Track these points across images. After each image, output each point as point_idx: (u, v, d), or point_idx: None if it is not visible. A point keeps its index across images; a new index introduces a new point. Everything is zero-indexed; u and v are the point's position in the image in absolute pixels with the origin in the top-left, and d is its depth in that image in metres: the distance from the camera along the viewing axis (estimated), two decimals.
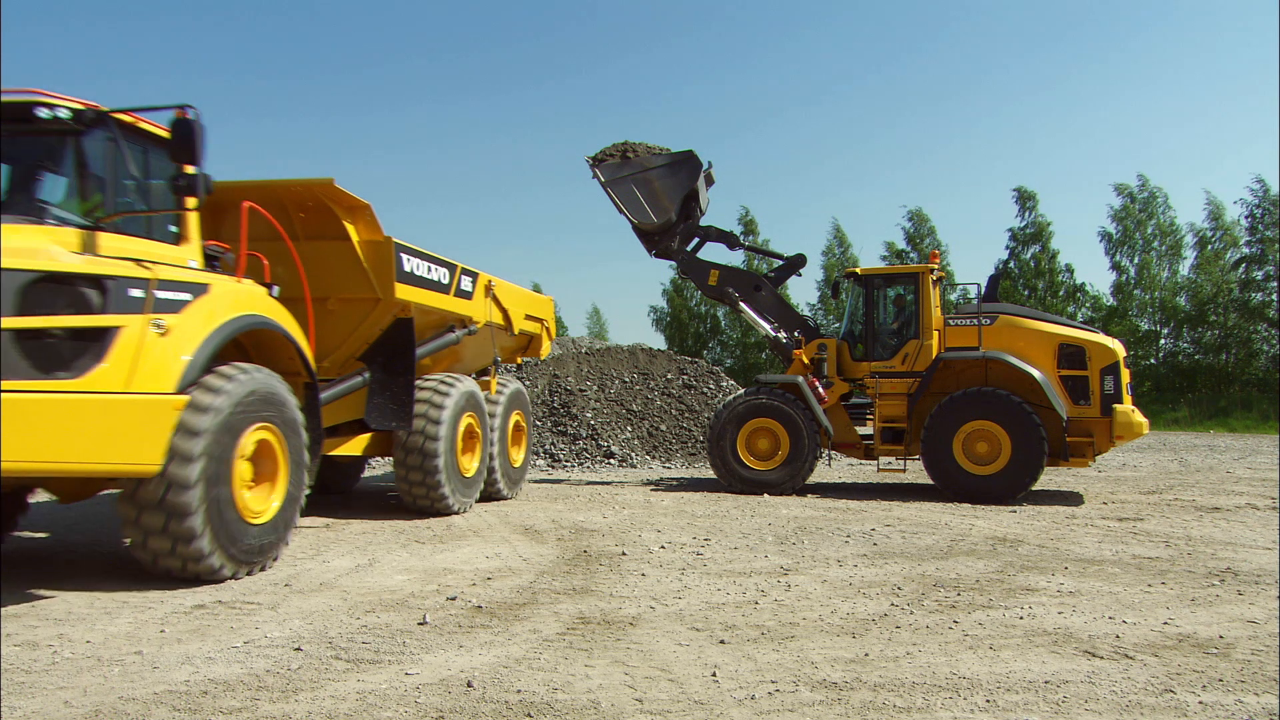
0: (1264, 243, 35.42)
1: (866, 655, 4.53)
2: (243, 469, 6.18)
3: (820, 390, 12.04)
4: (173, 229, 6.30)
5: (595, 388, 18.06)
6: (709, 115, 75.37)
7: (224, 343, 6.11)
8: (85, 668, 4.30)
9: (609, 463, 15.66)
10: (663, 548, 7.59)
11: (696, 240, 13.71)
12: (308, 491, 7.05)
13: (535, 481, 12.78)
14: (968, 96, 69.66)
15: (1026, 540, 8.05)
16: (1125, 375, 11.15)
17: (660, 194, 13.01)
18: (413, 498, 9.32)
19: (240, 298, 6.48)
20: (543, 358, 14.49)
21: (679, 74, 79.38)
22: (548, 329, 12.95)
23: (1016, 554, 7.37)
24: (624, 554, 7.29)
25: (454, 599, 5.69)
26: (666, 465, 15.88)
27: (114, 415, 5.27)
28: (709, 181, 13.81)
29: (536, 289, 12.42)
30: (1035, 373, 11.02)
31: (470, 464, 9.91)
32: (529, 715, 3.70)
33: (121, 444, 5.30)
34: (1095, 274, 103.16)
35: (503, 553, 7.35)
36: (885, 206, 72.89)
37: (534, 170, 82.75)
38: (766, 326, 13.18)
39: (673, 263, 14.13)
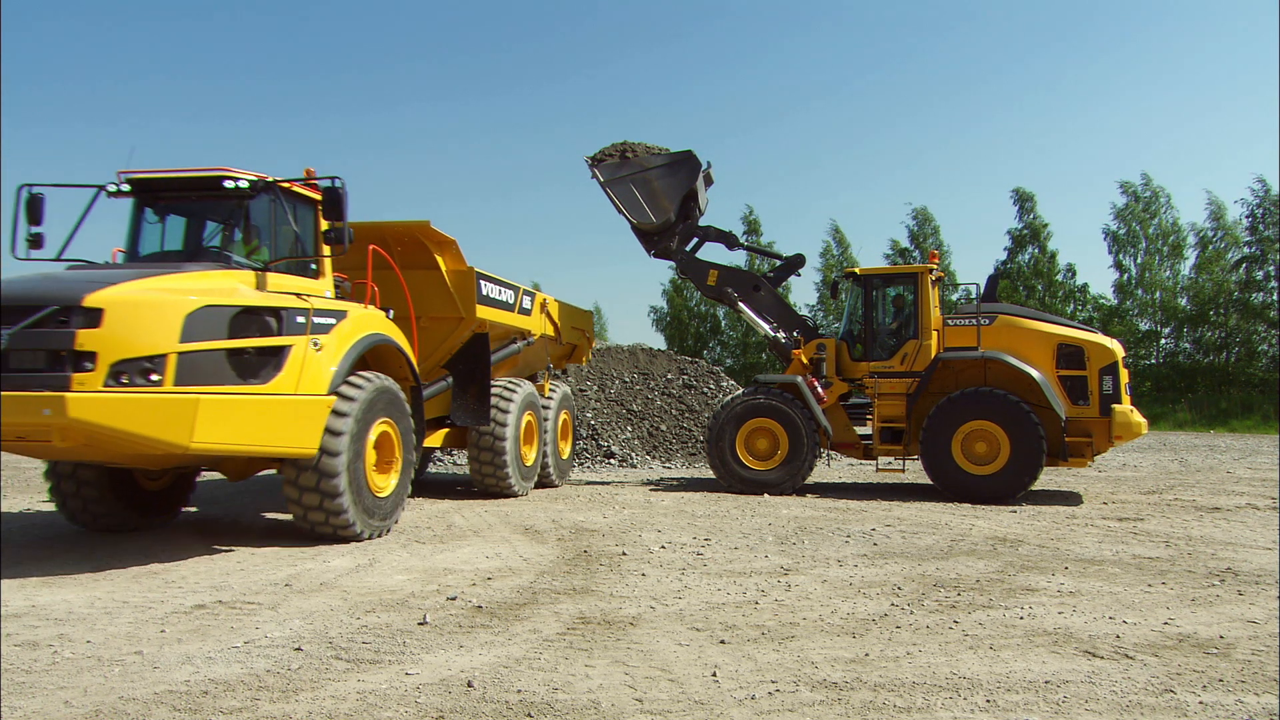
0: (1264, 243, 35.39)
1: (867, 655, 4.53)
2: (371, 454, 7.86)
3: (819, 390, 12.03)
4: (313, 266, 8.11)
5: (595, 388, 18.06)
6: (711, 115, 75.33)
7: (359, 357, 7.86)
8: (86, 668, 4.30)
9: (609, 463, 15.66)
10: (663, 548, 7.59)
11: (696, 240, 13.68)
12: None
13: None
14: (969, 97, 69.64)
15: (1027, 540, 8.05)
16: (1124, 375, 11.14)
17: (659, 194, 13.00)
18: (483, 481, 11.05)
19: (368, 321, 8.23)
20: (584, 364, 15.65)
21: (680, 74, 79.35)
22: (588, 338, 14.61)
23: (1017, 554, 7.37)
24: (624, 554, 7.29)
25: (454, 599, 5.69)
26: (667, 465, 15.88)
27: (288, 411, 7.00)
28: (708, 181, 13.79)
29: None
30: (1034, 373, 11.01)
31: (530, 455, 11.69)
32: (529, 715, 3.70)
33: (293, 432, 7.04)
34: (1097, 274, 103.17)
35: (503, 553, 7.36)
36: (888, 206, 72.78)
37: (534, 170, 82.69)
38: (765, 326, 13.17)
39: (672, 263, 14.11)
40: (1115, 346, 11.20)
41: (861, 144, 72.36)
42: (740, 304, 13.21)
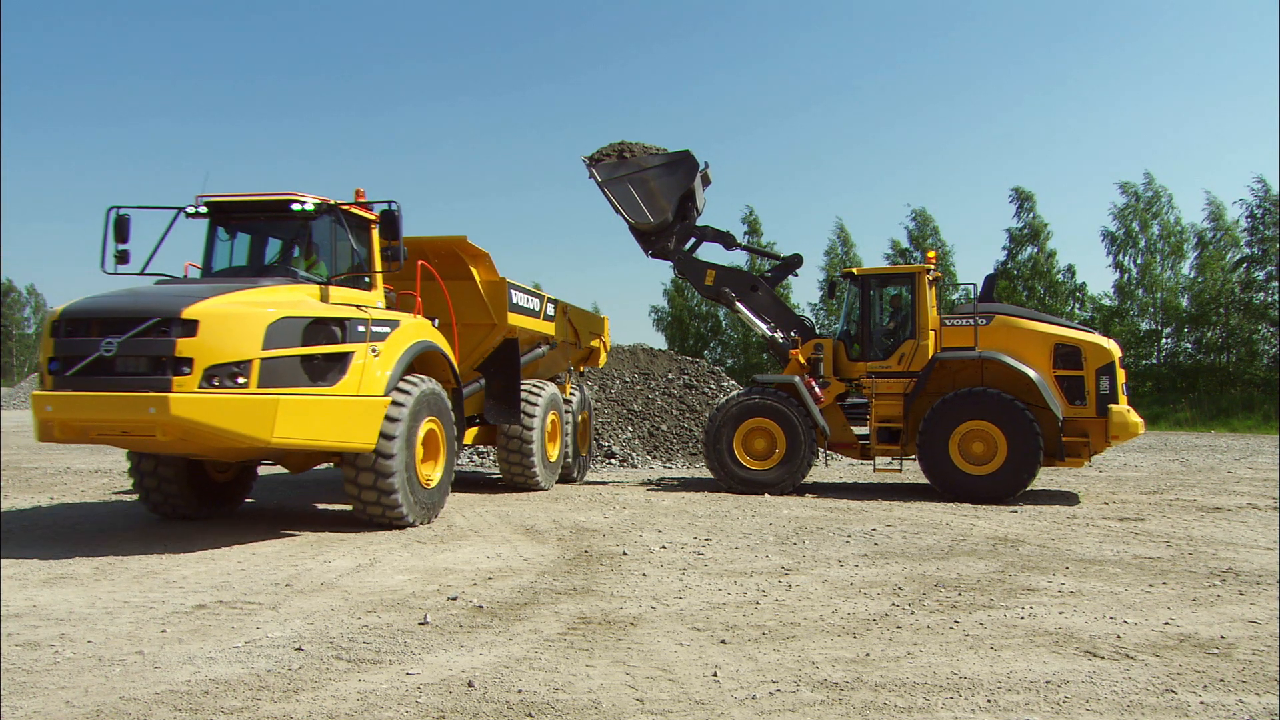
0: (1265, 243, 35.35)
1: (867, 655, 4.53)
2: (419, 449, 8.60)
3: (816, 390, 12.03)
4: (366, 280, 8.89)
5: (596, 388, 18.06)
6: (712, 115, 75.32)
7: (410, 361, 8.60)
8: (87, 668, 4.31)
9: (610, 463, 15.66)
10: (664, 548, 7.59)
11: (693, 240, 13.68)
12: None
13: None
14: (971, 97, 69.63)
15: (1027, 540, 8.05)
16: (1121, 375, 11.13)
17: (656, 194, 12.96)
18: (511, 476, 11.84)
19: (417, 329, 8.99)
20: (600, 367, 16.37)
21: (681, 74, 79.35)
22: (604, 342, 15.26)
23: (1017, 554, 7.37)
24: (625, 554, 7.29)
25: (455, 599, 5.70)
26: (667, 465, 15.88)
27: (351, 410, 7.79)
28: (705, 181, 13.77)
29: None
30: (1031, 373, 11.00)
31: (554, 451, 12.50)
32: (530, 715, 3.70)
33: (354, 429, 7.81)
34: (1099, 275, 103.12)
35: (503, 553, 7.36)
36: (889, 206, 72.90)
37: (534, 170, 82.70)
38: (763, 326, 13.15)
39: (669, 263, 14.09)
40: (1112, 347, 11.19)
41: (864, 144, 72.39)
42: (737, 304, 13.20)
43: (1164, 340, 37.72)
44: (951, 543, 7.91)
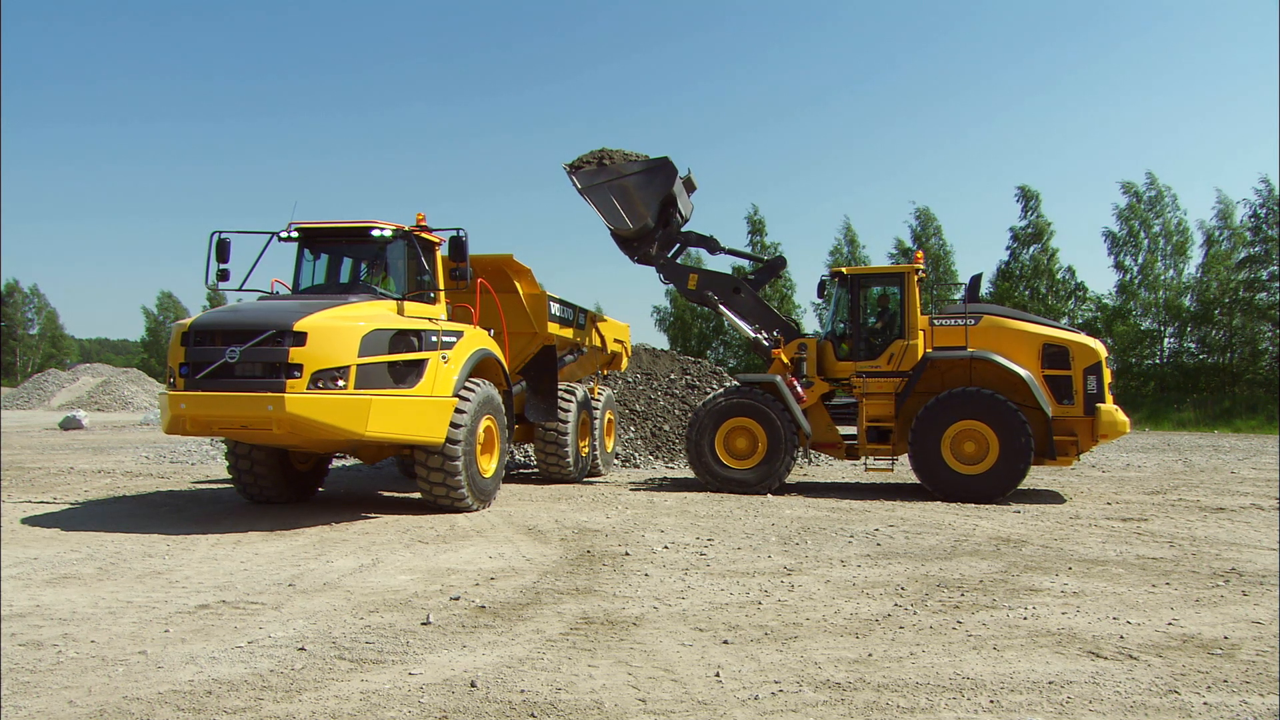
0: (1267, 243, 35.31)
1: (870, 656, 4.53)
2: (479, 443, 9.67)
3: (799, 390, 12.02)
4: (431, 295, 9.94)
5: None
6: (717, 114, 75.35)
7: (473, 368, 9.71)
8: (90, 667, 4.31)
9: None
10: (666, 548, 7.59)
11: (677, 245, 13.73)
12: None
13: (538, 482, 13.05)
14: (975, 97, 69.61)
15: (1030, 541, 8.04)
16: (1107, 375, 11.15)
17: (636, 200, 12.96)
18: (547, 469, 12.98)
19: (478, 339, 10.16)
20: (622, 370, 17.35)
21: (685, 74, 79.39)
22: (626, 348, 16.25)
23: (1020, 554, 7.36)
24: (627, 554, 7.29)
25: (457, 599, 5.70)
26: (670, 465, 15.87)
27: (426, 409, 8.90)
28: (690, 187, 13.80)
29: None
30: (1022, 372, 11.00)
31: (584, 448, 13.66)
32: (532, 715, 3.71)
33: (428, 425, 8.93)
34: (1101, 274, 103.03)
35: (506, 553, 7.36)
36: (894, 205, 72.88)
37: (534, 170, 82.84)
38: (747, 328, 13.16)
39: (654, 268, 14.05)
40: (1099, 346, 11.23)
41: (868, 143, 72.37)
42: (721, 306, 13.24)
43: (1166, 340, 37.68)
44: (954, 543, 7.90)
